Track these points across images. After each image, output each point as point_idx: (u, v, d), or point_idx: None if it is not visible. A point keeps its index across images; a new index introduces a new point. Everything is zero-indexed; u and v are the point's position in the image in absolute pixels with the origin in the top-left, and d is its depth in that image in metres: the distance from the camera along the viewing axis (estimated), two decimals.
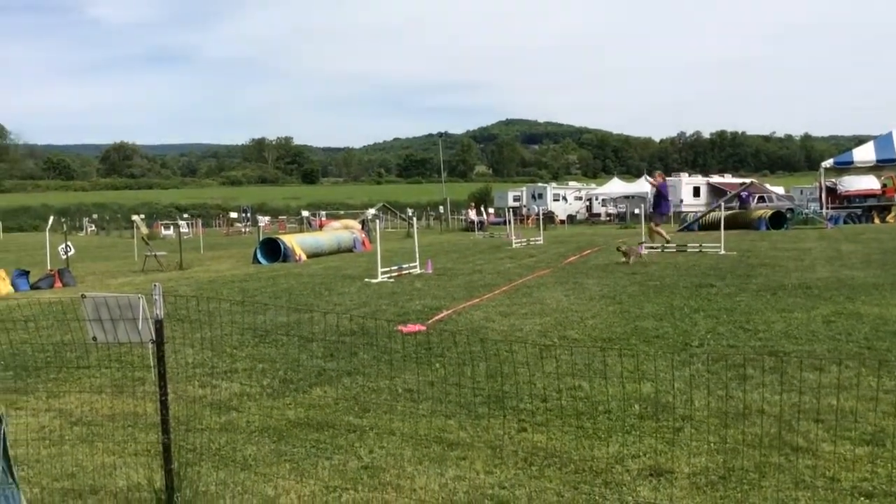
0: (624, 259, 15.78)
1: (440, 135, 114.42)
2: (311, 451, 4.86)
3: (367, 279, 14.63)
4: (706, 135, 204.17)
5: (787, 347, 7.31)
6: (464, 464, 4.57)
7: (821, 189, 36.01)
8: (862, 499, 3.90)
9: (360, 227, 31.05)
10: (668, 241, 20.10)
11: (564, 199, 61.73)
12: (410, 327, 8.88)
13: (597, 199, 61.22)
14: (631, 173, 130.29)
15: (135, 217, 33.46)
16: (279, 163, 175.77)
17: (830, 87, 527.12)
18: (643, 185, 58.21)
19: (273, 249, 21.51)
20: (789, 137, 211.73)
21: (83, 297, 3.96)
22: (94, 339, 3.99)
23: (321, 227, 41.11)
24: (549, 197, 60.33)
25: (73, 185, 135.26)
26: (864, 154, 34.35)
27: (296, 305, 11.05)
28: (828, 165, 35.33)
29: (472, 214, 47.62)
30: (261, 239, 23.44)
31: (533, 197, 61.21)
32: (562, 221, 53.93)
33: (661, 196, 21.36)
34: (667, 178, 27.13)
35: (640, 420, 5.24)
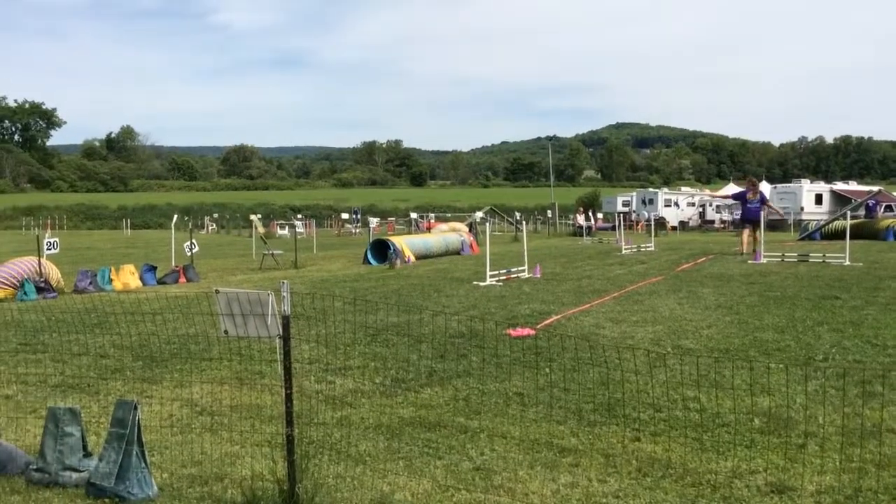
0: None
1: (549, 138, 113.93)
2: (424, 450, 4.93)
3: (475, 282, 14.70)
4: (829, 140, 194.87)
5: None
6: (576, 471, 4.53)
7: None
8: None
9: (467, 229, 31.24)
10: (741, 252, 20.44)
11: (676, 204, 60.10)
12: (519, 331, 8.87)
13: (711, 205, 59.35)
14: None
15: (252, 217, 34.79)
16: (388, 165, 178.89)
17: None
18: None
19: (383, 250, 21.90)
20: None
21: (217, 292, 4.16)
22: (226, 332, 4.17)
23: (429, 229, 41.57)
24: (661, 202, 58.87)
25: (196, 185, 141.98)
26: None
27: (405, 306, 11.22)
28: None
29: (581, 219, 47.02)
30: (371, 240, 23.91)
31: (643, 202, 59.90)
32: (673, 228, 52.58)
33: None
34: (760, 184, 27.18)
35: (762, 435, 5.06)
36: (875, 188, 47.97)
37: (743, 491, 4.18)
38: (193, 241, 19.26)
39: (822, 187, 51.86)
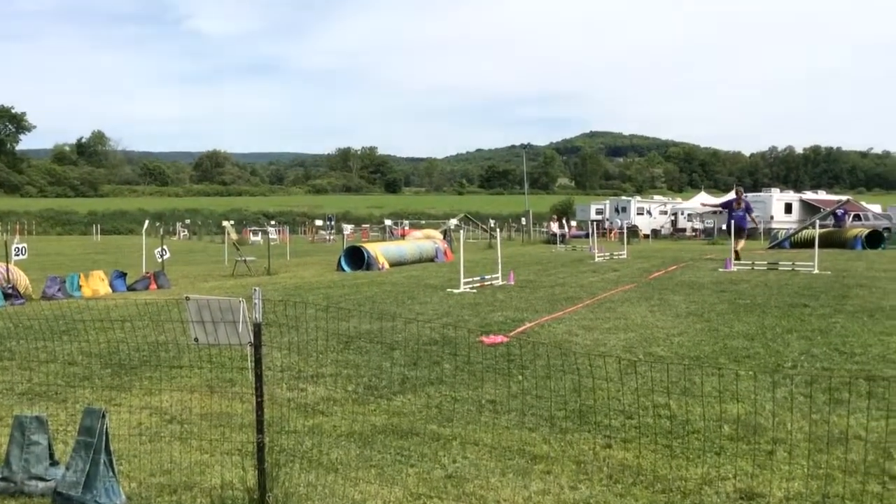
0: None
1: (523, 146, 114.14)
2: (396, 458, 4.91)
3: (449, 289, 14.71)
4: (799, 150, 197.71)
5: (885, 372, 7.01)
6: (548, 478, 4.54)
7: None
8: None
9: (442, 237, 31.26)
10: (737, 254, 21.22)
11: (649, 213, 60.69)
12: (493, 338, 8.88)
13: (682, 213, 59.98)
14: (718, 188, 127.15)
15: (225, 223, 34.54)
16: (363, 172, 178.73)
17: None
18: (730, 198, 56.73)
19: (357, 257, 21.85)
20: (887, 154, 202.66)
21: (187, 298, 4.12)
22: (196, 339, 4.14)
23: (403, 236, 41.55)
24: (633, 210, 59.43)
25: (168, 191, 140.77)
26: None
27: (379, 313, 11.19)
28: None
29: (555, 227, 47.27)
30: (345, 246, 23.85)
31: (616, 210, 60.43)
32: (646, 236, 53.02)
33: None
34: (745, 194, 28.63)
35: (732, 441, 5.11)
36: (843, 198, 48.81)
37: (712, 497, 4.21)
38: (164, 247, 19.08)
39: (792, 196, 52.64)
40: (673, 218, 60.39)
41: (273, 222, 69.54)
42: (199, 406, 6.18)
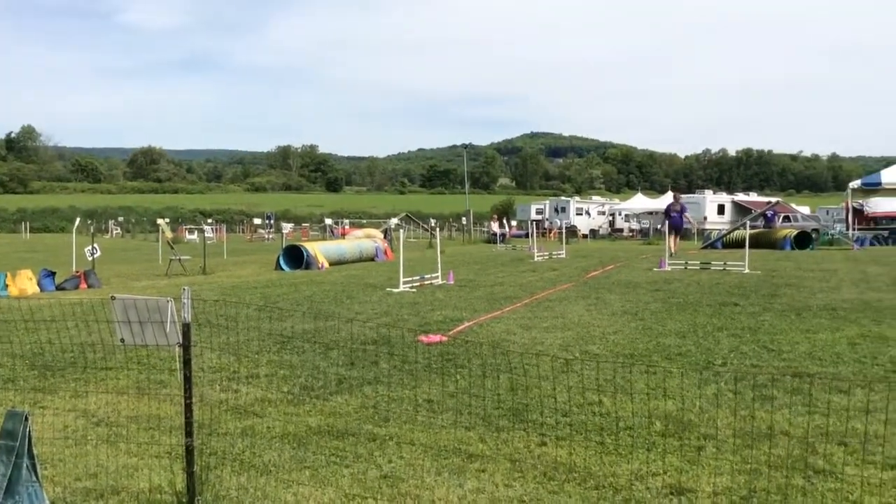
0: None
1: (464, 146, 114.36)
2: (331, 459, 4.87)
3: (388, 288, 14.66)
4: (732, 152, 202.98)
5: (811, 369, 7.23)
6: (483, 476, 4.56)
7: (847, 210, 35.64)
8: None
9: (382, 236, 31.16)
10: (672, 253, 22.00)
11: (587, 213, 61.56)
12: (431, 338, 8.88)
13: (620, 214, 61.00)
14: (655, 189, 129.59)
15: (160, 221, 33.74)
16: (303, 170, 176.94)
17: (859, 108, 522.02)
18: (667, 202, 57.97)
19: (296, 256, 21.63)
20: (816, 157, 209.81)
21: (112, 298, 4.01)
22: (122, 340, 4.03)
23: (344, 235, 41.30)
24: (573, 211, 60.18)
25: (100, 188, 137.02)
26: (893, 176, 33.95)
27: (317, 313, 11.09)
28: (855, 186, 34.98)
29: (495, 226, 47.56)
30: (284, 245, 23.58)
31: (556, 210, 61.09)
32: (584, 236, 53.75)
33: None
34: (683, 195, 31.67)
35: (662, 438, 5.21)
36: (774, 199, 50.23)
37: (643, 493, 4.28)
38: (95, 245, 18.59)
39: (725, 198, 53.95)
40: (611, 218, 61.36)
41: (210, 220, 68.33)
42: (128, 408, 6.03)
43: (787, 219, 41.72)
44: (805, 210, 51.39)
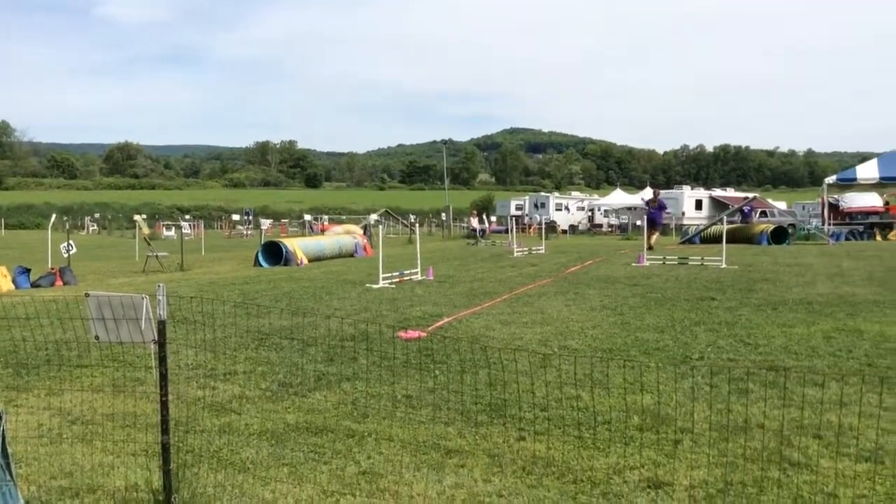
0: None
1: (444, 142, 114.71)
2: (310, 456, 4.85)
3: (368, 284, 14.63)
4: (710, 148, 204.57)
5: (787, 362, 7.30)
6: (462, 471, 4.56)
7: (823, 205, 36.02)
8: None
9: (362, 232, 31.08)
10: (650, 248, 23.01)
11: (567, 209, 61.76)
12: (410, 333, 8.87)
13: (599, 209, 61.25)
14: (634, 185, 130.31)
15: (137, 217, 33.47)
16: (282, 166, 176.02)
17: (835, 104, 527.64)
18: (646, 197, 58.28)
19: (275, 252, 21.52)
20: (793, 153, 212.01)
21: (87, 295, 3.96)
22: (97, 337, 3.99)
23: (323, 231, 41.14)
24: (552, 206, 60.34)
25: (76, 184, 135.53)
26: (868, 171, 34.38)
27: (296, 309, 11.05)
28: (831, 181, 35.35)
29: (475, 222, 47.58)
30: (263, 242, 23.46)
31: (535, 206, 61.23)
32: (564, 231, 53.94)
33: None
34: (662, 191, 34.44)
35: (640, 432, 5.24)
36: (750, 195, 50.63)
37: (621, 486, 4.30)
38: (70, 241, 18.39)
39: (702, 193, 54.35)
40: (590, 214, 61.61)
41: (187, 217, 67.82)
42: (104, 406, 5.97)
43: (763, 214, 42.11)
44: (781, 205, 51.93)
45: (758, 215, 40.64)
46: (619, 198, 64.00)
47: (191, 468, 4.32)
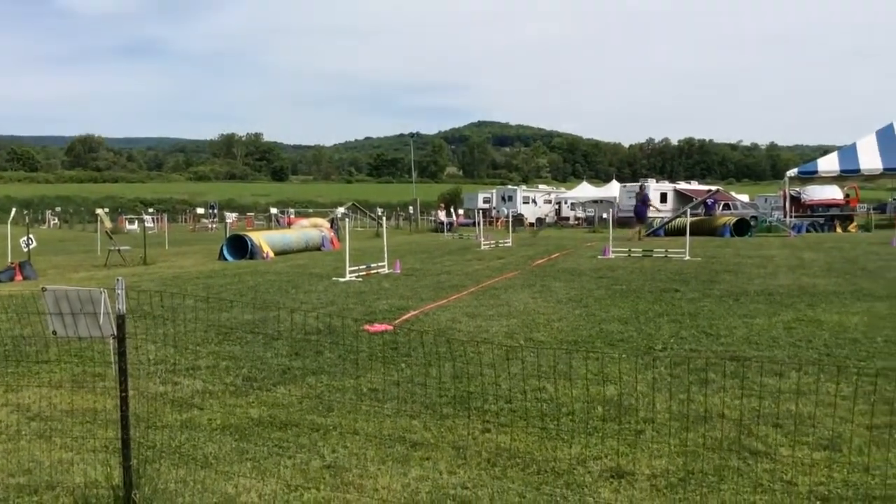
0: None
1: (411, 135, 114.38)
2: (274, 450, 4.82)
3: (334, 278, 14.57)
4: (674, 142, 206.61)
5: (748, 353, 7.41)
6: (427, 464, 4.56)
7: (785, 198, 36.57)
8: (818, 503, 3.96)
9: (329, 225, 30.91)
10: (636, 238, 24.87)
11: (534, 201, 61.92)
12: (377, 327, 8.85)
13: (566, 202, 61.54)
14: (600, 178, 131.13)
15: (99, 211, 32.96)
16: (248, 159, 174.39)
17: (797, 98, 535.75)
18: (612, 190, 58.74)
19: (240, 246, 21.33)
20: (755, 146, 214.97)
21: (43, 289, 3.89)
22: (55, 332, 3.92)
23: (290, 224, 40.85)
24: (519, 199, 60.44)
25: (37, 178, 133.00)
26: (828, 164, 34.97)
27: (261, 303, 10.97)
28: (792, 174, 35.89)
29: (442, 215, 47.62)
30: (228, 235, 23.23)
31: (503, 199, 61.28)
32: (531, 224, 54.12)
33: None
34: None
35: (603, 422, 5.28)
36: (714, 188, 51.23)
37: (584, 477, 4.34)
38: (30, 235, 18.06)
39: (667, 186, 54.77)
40: (557, 207, 61.87)
41: (151, 210, 66.89)
42: (64, 402, 5.88)
43: (726, 207, 42.59)
44: (744, 198, 52.50)
45: (721, 208, 41.13)
46: (585, 191, 64.35)
47: (152, 464, 4.27)
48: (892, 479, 4.21)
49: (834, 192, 39.27)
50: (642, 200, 29.50)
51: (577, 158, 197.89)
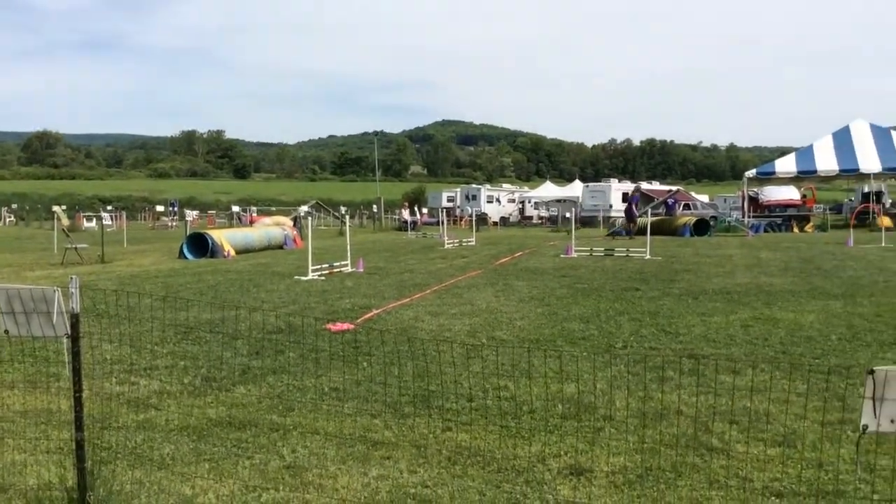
0: None
1: (376, 133, 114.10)
2: (232, 451, 4.78)
3: (297, 276, 14.47)
4: (636, 142, 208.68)
5: (705, 350, 7.52)
6: (388, 463, 4.56)
7: (743, 198, 37.16)
8: (773, 498, 4.04)
9: (291, 223, 30.69)
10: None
11: (498, 201, 62.09)
12: (339, 326, 8.82)
13: (529, 202, 61.84)
14: (563, 177, 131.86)
15: (56, 208, 32.28)
16: (210, 156, 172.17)
17: (756, 100, 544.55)
18: (575, 190, 59.19)
19: (201, 244, 21.08)
20: (715, 147, 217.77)
21: None
22: (6, 332, 3.84)
23: (252, 223, 40.46)
24: (483, 198, 60.56)
25: None
26: (786, 165, 35.62)
27: (222, 302, 10.85)
28: (751, 175, 36.49)
29: (406, 214, 47.56)
30: (188, 233, 22.95)
31: (467, 198, 61.33)
32: (495, 223, 54.27)
33: None
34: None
35: (563, 420, 5.32)
36: (674, 188, 51.85)
37: (544, 474, 4.36)
38: None
39: (629, 186, 55.30)
40: (521, 206, 62.14)
41: (109, 207, 65.76)
42: (18, 403, 5.77)
43: (687, 206, 43.14)
44: (704, 198, 53.22)
45: (681, 208, 41.65)
46: (549, 190, 64.71)
47: (108, 465, 4.20)
48: (845, 474, 4.30)
49: (791, 193, 40.01)
50: (630, 201, 31.70)
51: (540, 158, 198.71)
